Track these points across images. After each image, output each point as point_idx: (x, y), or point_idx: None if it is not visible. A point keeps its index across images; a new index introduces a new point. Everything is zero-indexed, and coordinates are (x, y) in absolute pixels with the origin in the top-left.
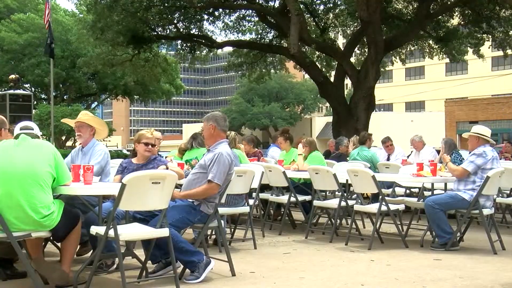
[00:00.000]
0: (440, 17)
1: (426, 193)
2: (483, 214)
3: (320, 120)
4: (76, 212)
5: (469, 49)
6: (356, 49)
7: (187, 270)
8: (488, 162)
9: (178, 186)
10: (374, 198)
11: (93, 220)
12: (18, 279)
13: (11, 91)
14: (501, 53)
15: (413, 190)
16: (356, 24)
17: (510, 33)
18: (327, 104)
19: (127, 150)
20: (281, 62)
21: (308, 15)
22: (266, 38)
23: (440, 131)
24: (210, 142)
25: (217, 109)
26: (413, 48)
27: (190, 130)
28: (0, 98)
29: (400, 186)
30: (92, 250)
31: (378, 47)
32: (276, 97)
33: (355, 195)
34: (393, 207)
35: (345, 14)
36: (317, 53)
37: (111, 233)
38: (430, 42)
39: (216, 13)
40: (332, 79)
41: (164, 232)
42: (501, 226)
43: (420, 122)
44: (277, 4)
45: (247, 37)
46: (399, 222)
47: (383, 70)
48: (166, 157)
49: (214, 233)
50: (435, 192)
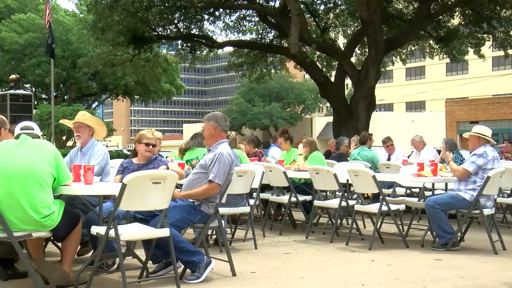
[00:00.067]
0: (440, 17)
1: (427, 193)
2: (484, 214)
3: (320, 120)
4: (76, 212)
5: (469, 49)
6: (356, 49)
7: (188, 270)
8: (489, 162)
9: (179, 186)
10: (375, 198)
11: (93, 220)
12: (18, 279)
13: (12, 91)
14: (501, 53)
15: (413, 190)
16: (356, 24)
17: (511, 33)
18: (328, 104)
19: (128, 150)
20: (281, 62)
21: (308, 15)
22: (267, 38)
23: (440, 131)
24: (211, 142)
25: (217, 109)
26: (413, 48)
27: (191, 130)
28: (0, 98)
29: (400, 186)
30: (92, 250)
31: (379, 47)
32: (276, 97)
33: (356, 195)
34: (393, 207)
35: (345, 14)
36: (317, 53)
37: (112, 233)
38: (431, 42)
39: (216, 13)
40: (332, 79)
41: (164, 232)
42: (501, 226)
43: (420, 122)
44: (277, 4)
45: (248, 37)
46: (400, 222)
47: (384, 70)
48: (166, 157)
49: (214, 233)
50: (436, 192)
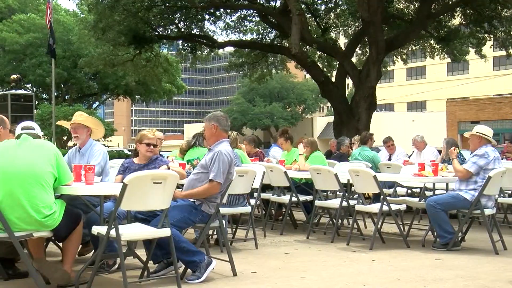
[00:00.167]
0: (441, 17)
1: (428, 193)
2: (485, 214)
3: (321, 120)
4: (77, 212)
5: (470, 49)
6: (357, 49)
7: (189, 270)
8: (490, 163)
9: (180, 186)
10: (376, 198)
11: (94, 220)
12: (19, 279)
13: (13, 91)
14: (503, 53)
15: (414, 190)
16: (357, 24)
17: None
18: (328, 104)
19: (129, 150)
20: (282, 62)
21: (309, 15)
22: (267, 38)
23: (441, 131)
24: (212, 142)
25: (218, 109)
26: (414, 48)
27: (192, 130)
28: (1, 98)
29: (401, 186)
30: (93, 250)
31: (380, 47)
32: (277, 97)
33: (357, 195)
34: (394, 207)
35: (346, 14)
36: (318, 53)
37: (113, 233)
38: (432, 42)
39: (217, 13)
40: (333, 79)
41: (165, 232)
42: (502, 226)
43: (421, 122)
44: (278, 4)
45: (248, 37)
46: (401, 222)
47: (385, 70)
48: (167, 157)
49: (215, 233)
50: (437, 192)
